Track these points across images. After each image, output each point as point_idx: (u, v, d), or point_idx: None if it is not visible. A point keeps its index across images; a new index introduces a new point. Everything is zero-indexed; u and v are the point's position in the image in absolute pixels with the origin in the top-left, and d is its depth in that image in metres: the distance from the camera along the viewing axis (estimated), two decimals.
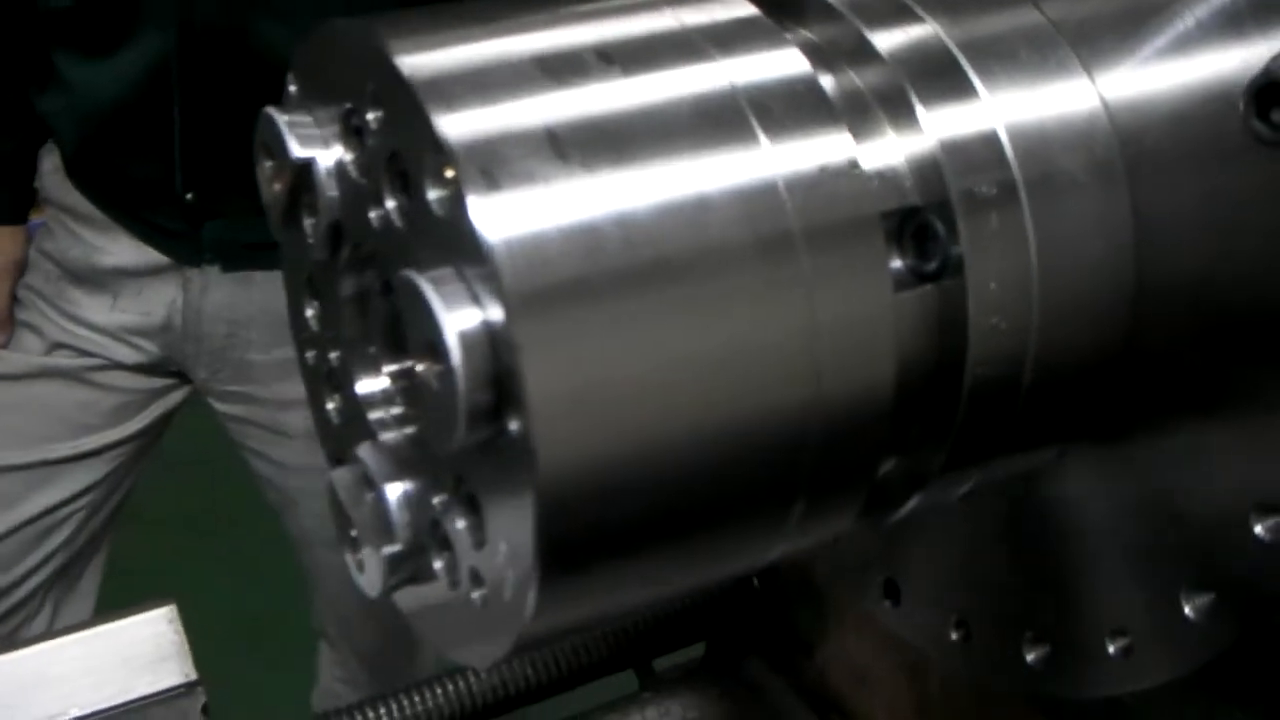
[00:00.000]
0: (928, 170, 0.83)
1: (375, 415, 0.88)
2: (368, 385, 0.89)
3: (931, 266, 0.83)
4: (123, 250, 2.41)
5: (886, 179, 0.83)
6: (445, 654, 0.87)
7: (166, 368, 2.47)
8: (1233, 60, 0.80)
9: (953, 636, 1.11)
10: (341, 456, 0.95)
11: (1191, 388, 0.87)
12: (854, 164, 0.78)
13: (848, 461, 0.80)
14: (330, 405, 0.95)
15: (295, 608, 2.98)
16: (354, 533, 0.86)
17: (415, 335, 0.71)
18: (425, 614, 0.88)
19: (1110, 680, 0.99)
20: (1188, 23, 0.83)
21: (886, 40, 0.88)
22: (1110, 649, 0.97)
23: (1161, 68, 0.85)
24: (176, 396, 2.54)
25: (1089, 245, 0.86)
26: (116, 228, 2.41)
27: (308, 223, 0.86)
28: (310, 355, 0.97)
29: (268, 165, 0.86)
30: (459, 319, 0.68)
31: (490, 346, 0.69)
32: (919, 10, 0.90)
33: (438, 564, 0.83)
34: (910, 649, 1.46)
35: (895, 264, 0.83)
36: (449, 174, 0.70)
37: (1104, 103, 0.87)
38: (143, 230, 2.38)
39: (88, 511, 2.56)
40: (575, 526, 0.71)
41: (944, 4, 0.90)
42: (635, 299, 0.71)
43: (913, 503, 0.90)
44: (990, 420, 0.87)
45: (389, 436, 0.87)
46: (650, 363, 0.71)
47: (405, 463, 0.85)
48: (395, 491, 0.83)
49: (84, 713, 1.30)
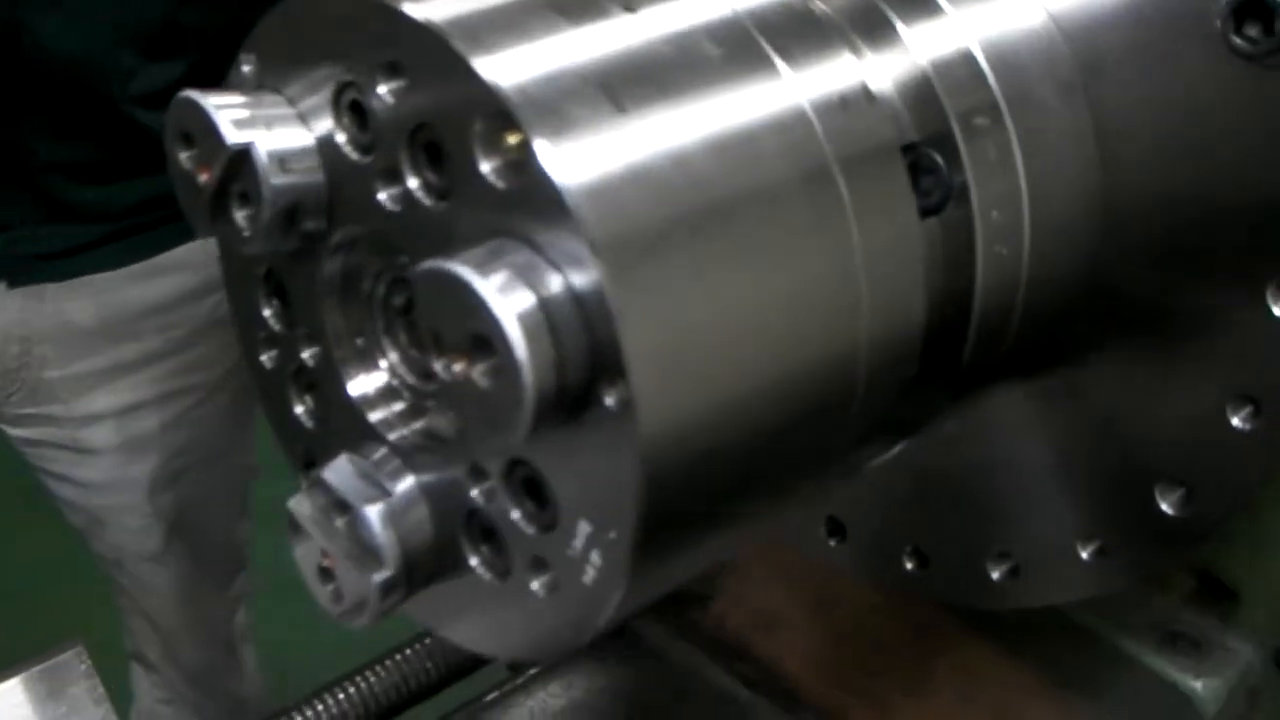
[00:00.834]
0: (921, 96, 0.84)
1: (378, 415, 0.83)
2: (365, 383, 0.83)
3: (933, 200, 0.83)
4: None
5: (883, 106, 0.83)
6: (493, 653, 0.83)
7: None
8: None
9: (908, 566, 1.14)
10: (314, 460, 0.90)
11: (1163, 301, 0.91)
12: (867, 90, 0.78)
13: (889, 388, 0.80)
14: (300, 408, 0.89)
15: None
16: (324, 563, 0.81)
17: (453, 330, 0.66)
18: (454, 617, 0.83)
19: (1083, 583, 1.03)
20: None
21: None
22: (1083, 554, 1.02)
23: None
24: None
25: (1063, 166, 0.89)
26: None
27: (241, 214, 0.79)
28: (268, 357, 0.90)
29: (186, 155, 0.79)
30: (513, 303, 0.64)
31: (551, 326, 0.64)
32: None
33: (474, 560, 0.79)
34: (819, 586, 1.50)
35: None
36: (510, 138, 0.66)
37: (1051, 16, 0.89)
38: None
39: None
40: (675, 490, 0.69)
41: None
42: (706, 243, 0.69)
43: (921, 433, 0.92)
44: (992, 349, 0.89)
45: (398, 434, 0.82)
46: (727, 307, 0.69)
47: (409, 457, 0.81)
48: (376, 512, 0.78)
49: None
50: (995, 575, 1.07)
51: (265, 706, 2.51)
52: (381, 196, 0.74)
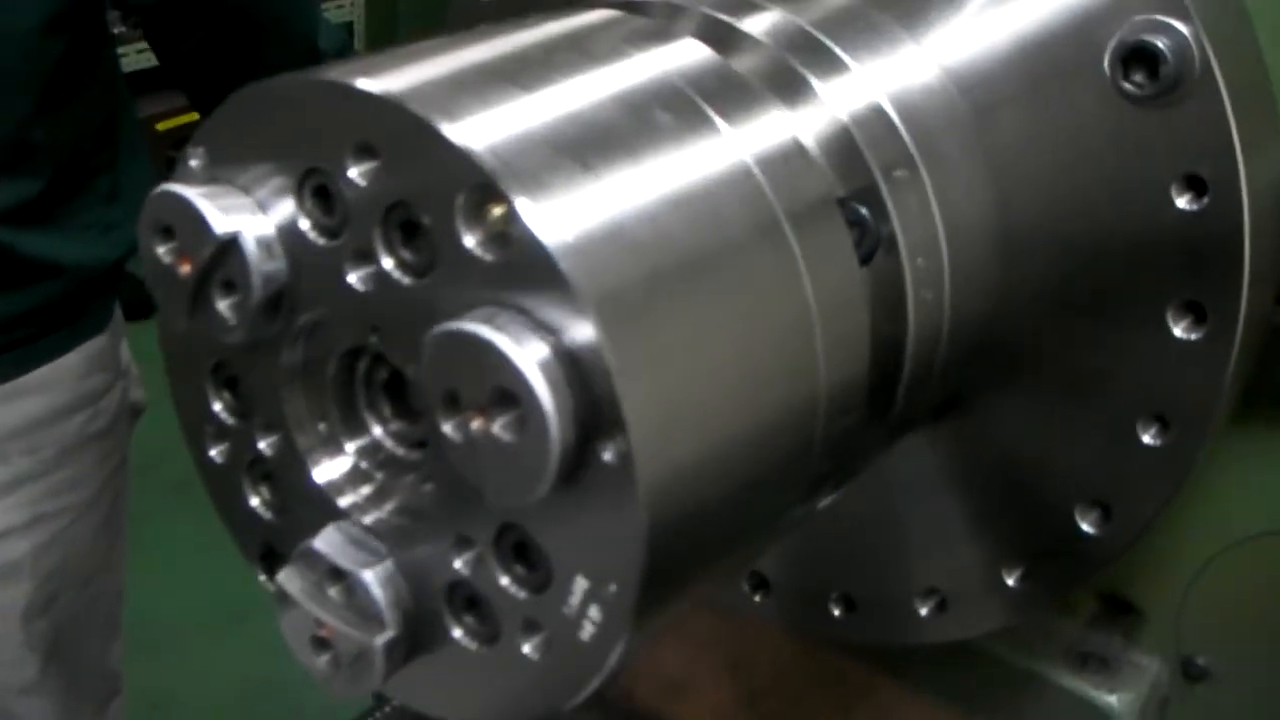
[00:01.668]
0: (843, 150, 0.89)
1: (347, 499, 0.83)
2: (331, 468, 0.84)
3: (864, 250, 0.88)
4: None
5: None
6: None
7: None
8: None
9: (835, 612, 1.17)
10: (272, 551, 0.90)
11: (1067, 332, 0.98)
12: (800, 145, 0.82)
13: (841, 434, 0.84)
14: (256, 500, 0.89)
15: None
16: (320, 634, 0.81)
17: (471, 390, 0.68)
18: (433, 690, 0.84)
19: (1008, 611, 1.09)
20: None
21: (752, 25, 0.93)
22: (1009, 581, 1.07)
23: (986, 25, 0.95)
24: None
25: (969, 212, 0.95)
26: None
27: (224, 303, 0.80)
28: (218, 452, 0.90)
29: (164, 249, 0.80)
30: (532, 353, 0.67)
31: (567, 378, 0.67)
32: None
33: (457, 631, 0.80)
34: (730, 648, 1.52)
35: None
36: (494, 209, 0.68)
37: (944, 70, 0.96)
38: None
39: None
40: (673, 538, 0.71)
41: None
42: (683, 297, 0.72)
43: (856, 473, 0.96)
44: (919, 393, 0.94)
45: (371, 517, 0.82)
46: (707, 358, 0.73)
47: (386, 537, 0.82)
48: (374, 575, 0.79)
49: None
50: (923, 612, 1.12)
51: None
52: (352, 279, 0.76)
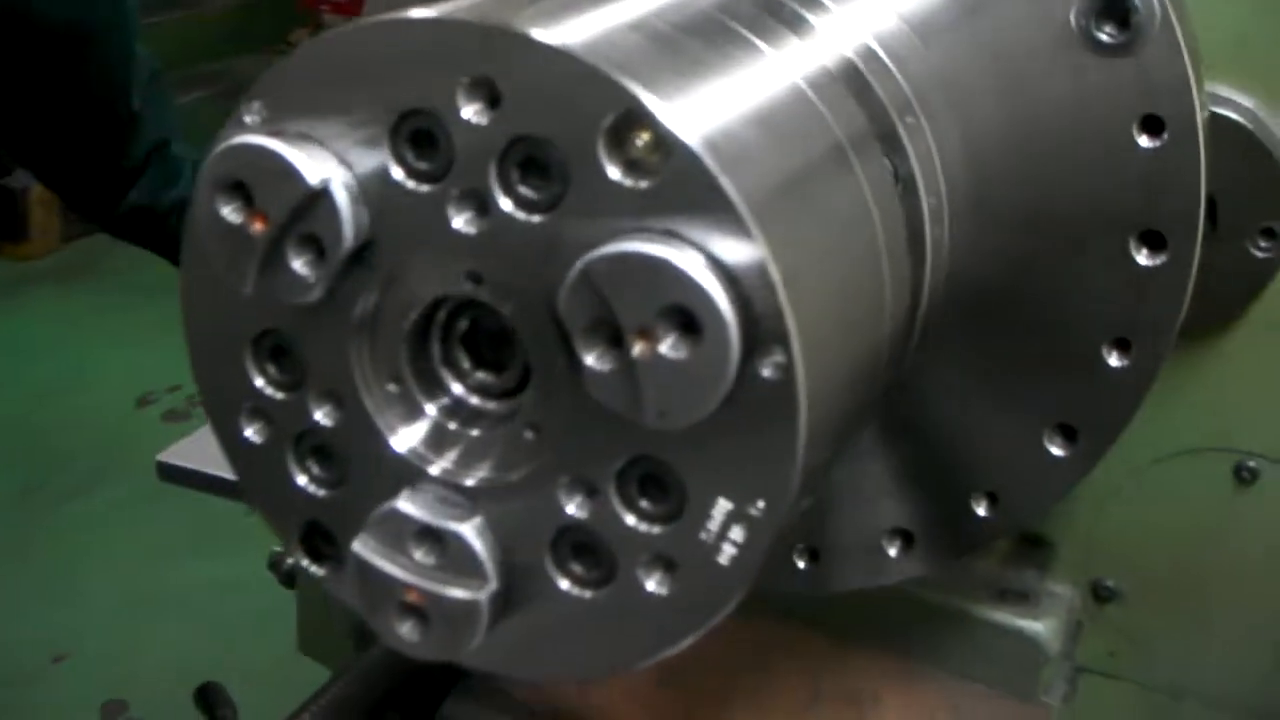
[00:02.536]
0: (859, 89, 0.93)
1: (431, 460, 0.81)
2: (412, 431, 0.82)
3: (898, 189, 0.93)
4: None
5: None
6: (578, 675, 0.83)
7: None
8: None
9: (800, 565, 1.21)
10: (315, 530, 0.86)
11: (1035, 265, 1.05)
12: (833, 76, 0.87)
13: (896, 359, 0.88)
14: (303, 477, 0.85)
15: None
16: (407, 598, 0.79)
17: (638, 312, 0.68)
18: (529, 651, 0.82)
19: (973, 539, 1.15)
20: None
21: None
22: (979, 510, 1.13)
23: None
24: None
25: (951, 157, 1.01)
26: None
27: (301, 260, 0.77)
28: (255, 430, 0.86)
29: (231, 209, 0.77)
30: (707, 268, 0.68)
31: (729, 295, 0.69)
32: None
33: (564, 582, 0.80)
34: None
35: None
36: (641, 136, 0.69)
37: (902, 18, 1.02)
38: None
39: None
40: (814, 448, 0.73)
41: None
42: (803, 216, 0.75)
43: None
44: (924, 332, 0.99)
45: (457, 475, 0.81)
46: (826, 274, 0.76)
47: (475, 495, 0.80)
48: (471, 528, 0.79)
49: None
50: (892, 552, 1.17)
51: None
52: (458, 222, 0.75)
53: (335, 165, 0.75)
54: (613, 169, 0.70)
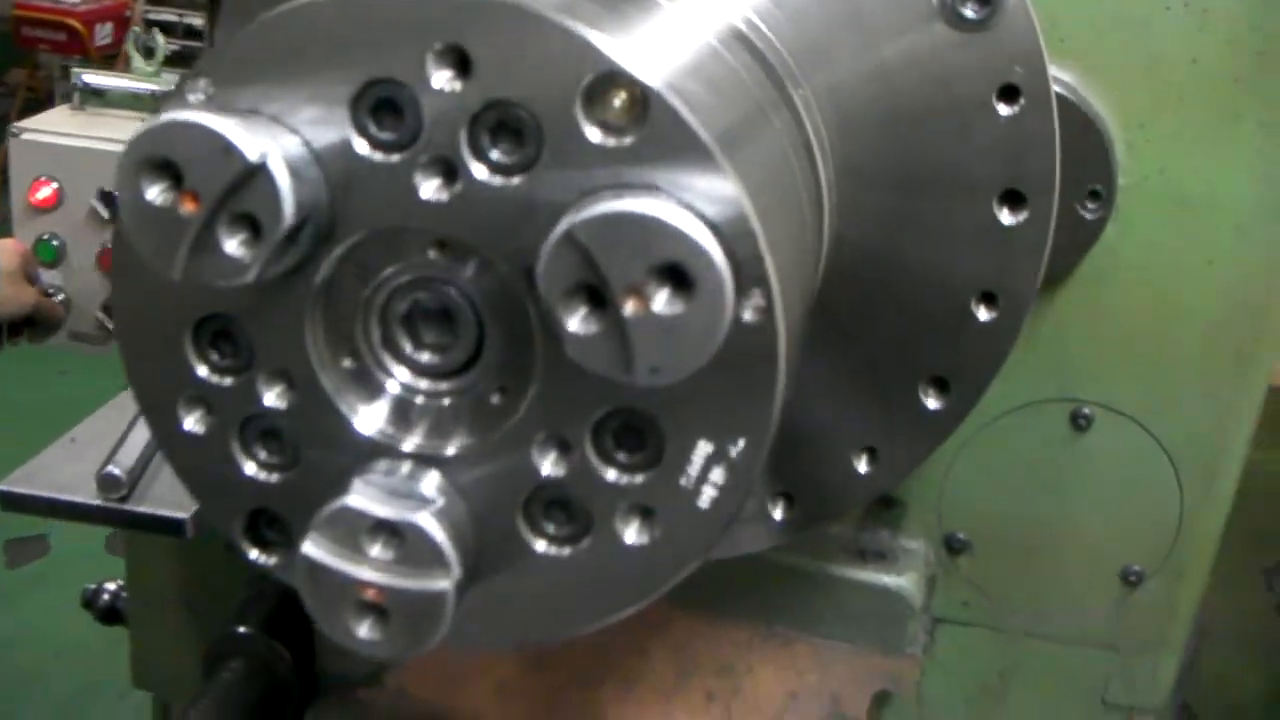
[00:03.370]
0: (754, 53, 0.98)
1: (394, 434, 0.81)
2: (373, 406, 0.81)
3: None
4: None
5: None
6: (554, 635, 0.84)
7: None
8: None
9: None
10: (260, 518, 0.85)
11: (906, 229, 1.12)
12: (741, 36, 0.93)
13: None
14: (252, 465, 0.84)
15: None
16: (366, 596, 0.78)
17: (628, 270, 0.69)
18: (502, 619, 0.83)
19: (859, 494, 1.21)
20: None
21: None
22: (860, 467, 1.19)
23: None
24: None
25: (831, 129, 1.07)
26: None
27: (234, 240, 0.75)
28: (195, 419, 0.84)
29: (157, 189, 0.74)
30: (701, 226, 0.70)
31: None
32: None
33: (539, 544, 0.81)
34: None
35: None
36: (619, 95, 0.72)
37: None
38: None
39: None
40: (787, 385, 0.77)
41: None
42: (755, 166, 0.79)
43: None
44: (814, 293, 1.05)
45: (423, 448, 0.81)
46: (777, 219, 0.80)
47: (443, 466, 0.81)
48: (429, 517, 0.78)
49: None
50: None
51: None
52: (426, 190, 0.75)
53: (273, 140, 0.74)
54: (590, 129, 0.72)
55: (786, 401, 0.80)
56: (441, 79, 0.73)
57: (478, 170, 0.74)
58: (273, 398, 0.82)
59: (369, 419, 0.81)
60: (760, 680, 1.46)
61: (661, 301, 0.70)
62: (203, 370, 0.82)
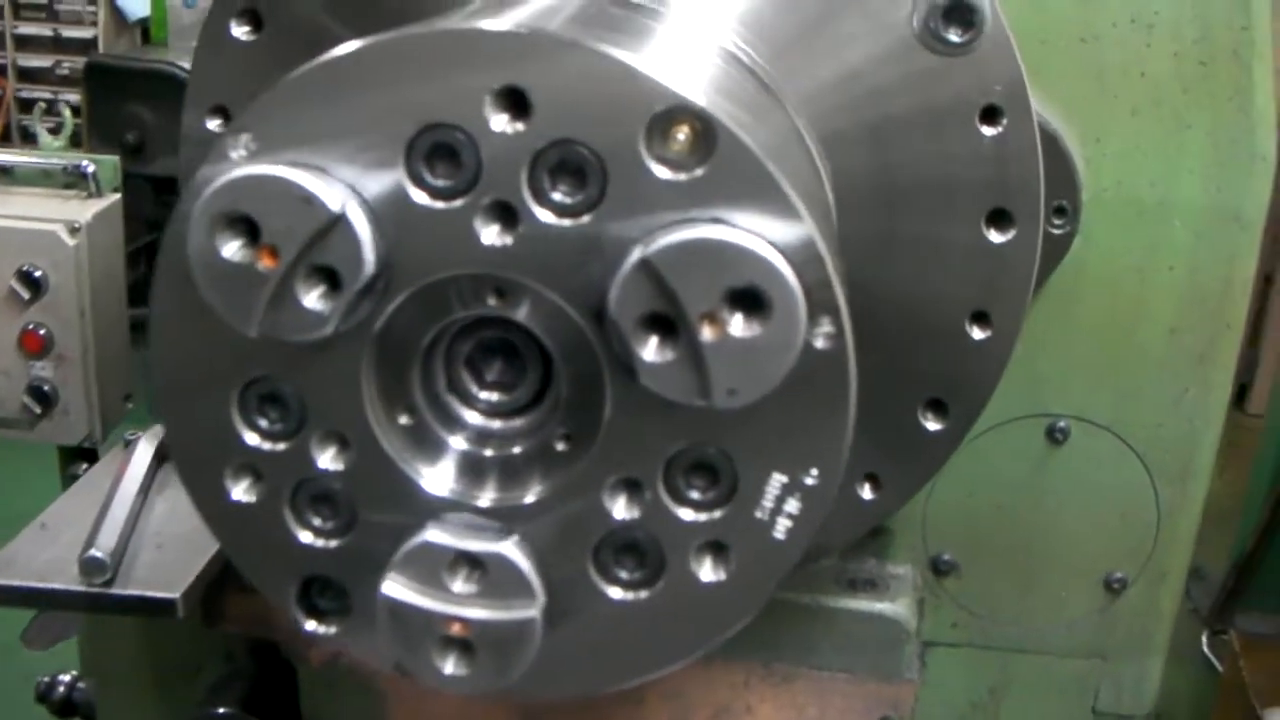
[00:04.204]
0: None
1: (464, 488, 0.79)
2: (438, 461, 0.80)
3: None
4: None
5: None
6: (631, 680, 0.82)
7: None
8: None
9: (866, 495, 1.20)
10: (312, 585, 0.83)
11: (899, 258, 1.14)
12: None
13: None
14: (305, 532, 0.81)
15: None
16: (452, 631, 0.77)
17: (703, 297, 0.70)
18: (577, 666, 0.82)
19: (865, 521, 1.21)
20: None
21: None
22: (864, 494, 1.20)
23: None
24: None
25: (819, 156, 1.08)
26: None
27: (313, 294, 0.74)
28: (243, 489, 0.81)
29: (235, 246, 0.73)
30: (774, 250, 0.71)
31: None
32: None
33: (613, 591, 0.80)
34: None
35: None
36: (681, 129, 0.72)
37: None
38: None
39: None
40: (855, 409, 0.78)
41: None
42: (796, 177, 0.79)
43: None
44: None
45: (490, 499, 0.79)
46: (826, 235, 0.80)
47: (509, 518, 0.80)
48: (512, 546, 0.78)
49: None
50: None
51: None
52: (488, 236, 0.74)
53: (348, 190, 0.73)
54: (654, 165, 0.72)
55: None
56: (500, 121, 0.73)
57: (541, 213, 0.74)
58: (327, 460, 0.80)
59: (438, 478, 0.80)
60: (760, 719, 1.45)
61: (738, 325, 0.70)
62: (252, 438, 0.80)
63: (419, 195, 0.74)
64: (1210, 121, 1.30)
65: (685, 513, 0.78)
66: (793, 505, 0.77)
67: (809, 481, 0.77)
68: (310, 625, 0.83)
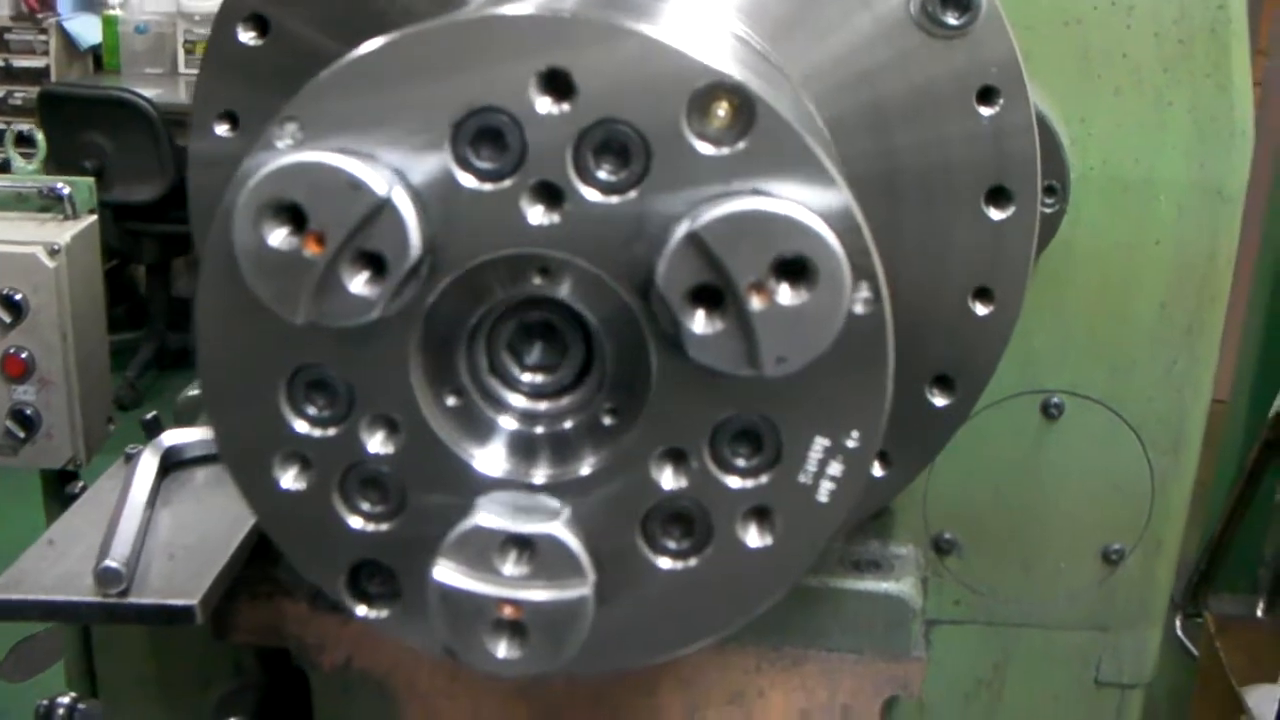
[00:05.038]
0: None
1: (516, 466, 0.81)
2: (489, 439, 0.81)
3: None
4: None
5: None
6: (681, 649, 0.84)
7: None
8: None
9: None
10: (365, 566, 0.84)
11: (902, 236, 1.16)
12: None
13: None
14: (355, 518, 0.83)
15: None
16: (504, 613, 0.79)
17: (751, 267, 0.72)
18: (627, 640, 0.83)
19: (877, 499, 1.23)
20: None
21: None
22: (875, 472, 1.22)
23: None
24: None
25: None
26: None
27: (359, 279, 0.76)
28: (291, 477, 0.82)
29: (281, 234, 0.74)
30: (818, 219, 0.73)
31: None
32: None
33: (662, 561, 0.82)
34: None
35: None
36: (722, 105, 0.74)
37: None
38: None
39: None
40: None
41: None
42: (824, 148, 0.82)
43: None
44: None
45: (544, 476, 0.81)
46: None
47: (562, 492, 0.81)
48: (562, 526, 0.79)
49: None
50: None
51: None
52: (533, 216, 0.76)
53: (394, 175, 0.74)
54: (696, 141, 0.74)
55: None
56: (545, 103, 0.74)
57: (586, 191, 0.75)
58: (377, 444, 0.81)
59: (490, 458, 0.81)
60: (771, 703, 1.47)
61: (785, 294, 0.72)
62: (301, 425, 0.81)
63: (465, 178, 0.76)
64: (1190, 99, 1.34)
65: (731, 480, 0.79)
66: (835, 468, 0.79)
67: (850, 444, 0.79)
68: (361, 610, 0.84)
